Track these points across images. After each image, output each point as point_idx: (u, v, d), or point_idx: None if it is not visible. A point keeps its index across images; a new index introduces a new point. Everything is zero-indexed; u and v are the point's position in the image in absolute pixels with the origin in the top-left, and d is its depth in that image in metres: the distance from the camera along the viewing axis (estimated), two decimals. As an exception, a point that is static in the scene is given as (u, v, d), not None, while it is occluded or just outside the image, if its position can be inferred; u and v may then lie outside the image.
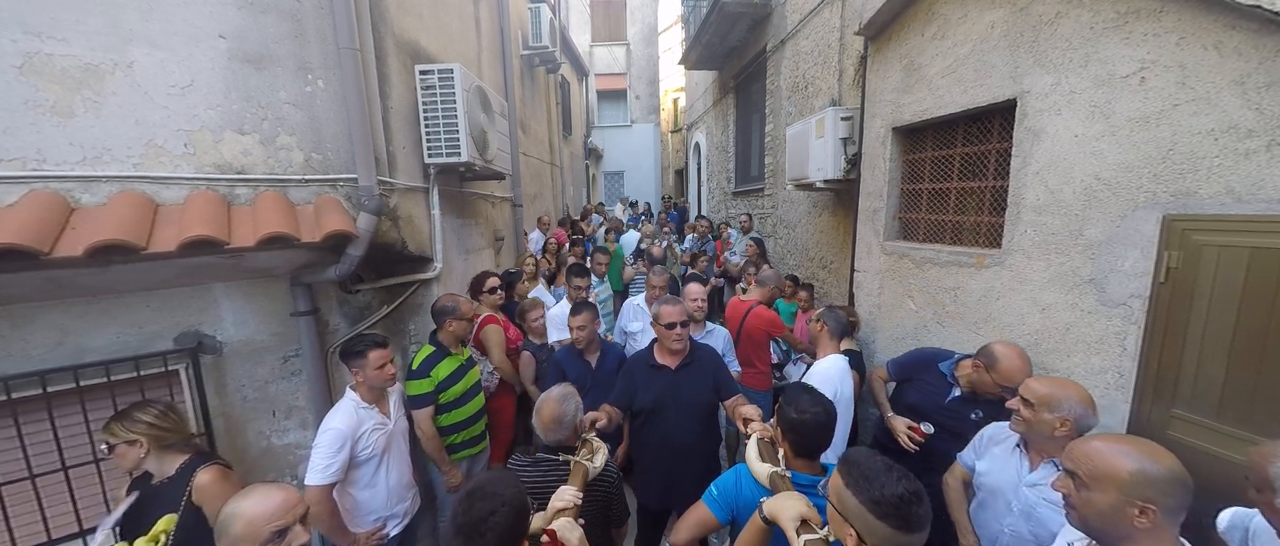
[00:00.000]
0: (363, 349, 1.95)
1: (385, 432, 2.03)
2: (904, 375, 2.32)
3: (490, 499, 1.13)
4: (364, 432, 1.94)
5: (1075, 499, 1.05)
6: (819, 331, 2.33)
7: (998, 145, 2.35)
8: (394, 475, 2.09)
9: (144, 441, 1.56)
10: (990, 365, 1.86)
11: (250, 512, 1.13)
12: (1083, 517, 1.04)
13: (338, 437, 1.85)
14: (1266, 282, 1.46)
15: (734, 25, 6.08)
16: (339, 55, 2.10)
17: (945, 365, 2.16)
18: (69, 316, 1.84)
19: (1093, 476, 1.01)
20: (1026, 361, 1.85)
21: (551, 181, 7.84)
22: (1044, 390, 1.49)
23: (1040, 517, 1.49)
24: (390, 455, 2.07)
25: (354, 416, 1.93)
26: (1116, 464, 0.98)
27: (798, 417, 1.46)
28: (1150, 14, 1.67)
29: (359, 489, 2.00)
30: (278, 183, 2.04)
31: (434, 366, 2.37)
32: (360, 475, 1.98)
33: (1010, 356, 1.83)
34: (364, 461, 1.96)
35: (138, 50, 1.77)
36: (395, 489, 2.10)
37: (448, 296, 2.50)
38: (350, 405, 1.95)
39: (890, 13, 2.82)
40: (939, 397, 2.13)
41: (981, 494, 1.70)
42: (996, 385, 1.84)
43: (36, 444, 1.82)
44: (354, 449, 1.91)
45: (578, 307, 2.59)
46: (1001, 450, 1.67)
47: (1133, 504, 0.95)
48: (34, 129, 1.64)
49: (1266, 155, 1.44)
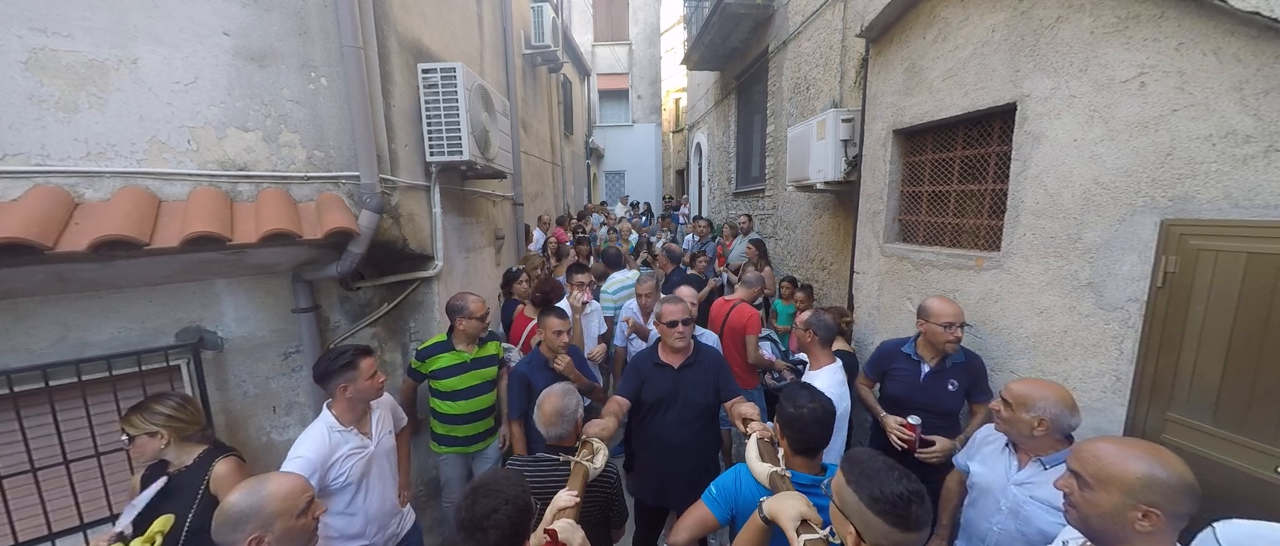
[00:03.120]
0: (352, 359, 1.78)
1: (364, 457, 1.84)
2: (879, 371, 2.40)
3: (493, 496, 1.13)
4: (337, 459, 1.76)
5: (1077, 498, 1.05)
6: (810, 342, 2.34)
7: (998, 148, 2.36)
8: (375, 501, 1.88)
9: (164, 433, 1.59)
10: (924, 316, 2.16)
11: (281, 491, 1.21)
12: (1083, 517, 1.04)
13: (305, 467, 1.65)
14: (1262, 287, 1.47)
15: (736, 26, 6.09)
16: (342, 53, 2.11)
17: (907, 346, 2.28)
18: (72, 311, 1.85)
19: (1098, 477, 1.01)
20: (952, 304, 2.12)
21: (553, 180, 7.85)
22: (1020, 390, 1.54)
23: (1027, 515, 1.53)
24: (369, 480, 1.87)
25: (326, 442, 1.74)
26: (1124, 466, 0.98)
27: (795, 412, 1.47)
28: (1150, 19, 1.68)
29: (334, 517, 1.81)
30: (280, 180, 2.05)
31: (433, 355, 2.44)
32: (335, 503, 1.80)
33: (934, 301, 2.14)
34: (338, 489, 1.78)
35: (142, 47, 1.78)
36: (375, 516, 1.89)
37: (459, 295, 2.49)
38: (322, 429, 1.76)
39: (892, 15, 2.83)
40: (914, 379, 2.23)
41: (974, 493, 1.73)
42: (937, 327, 2.09)
43: (38, 437, 1.83)
44: (325, 477, 1.72)
45: (547, 311, 2.53)
46: (991, 450, 1.71)
47: (1136, 507, 0.95)
48: (38, 124, 1.65)
49: (1264, 161, 1.45)
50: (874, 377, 2.44)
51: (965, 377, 2.16)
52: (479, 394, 2.54)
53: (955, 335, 2.07)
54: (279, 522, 1.18)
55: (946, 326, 2.08)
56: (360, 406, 1.87)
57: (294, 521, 1.21)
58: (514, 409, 2.48)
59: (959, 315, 2.11)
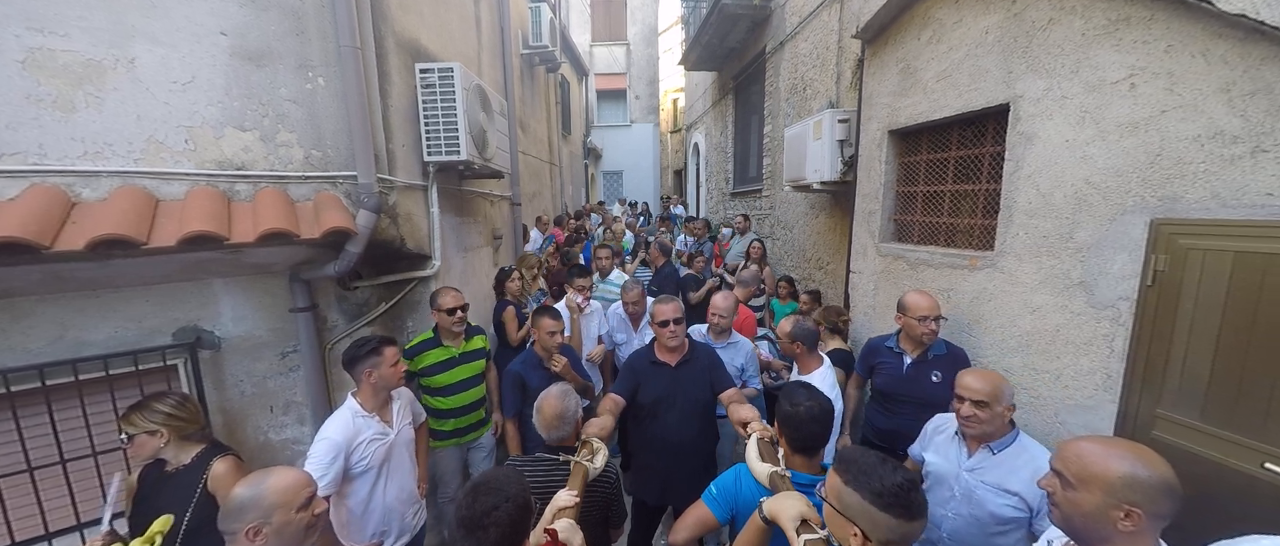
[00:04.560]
0: (378, 346, 1.88)
1: (385, 444, 1.92)
2: (868, 366, 2.47)
3: (494, 494, 1.13)
4: (360, 443, 1.84)
5: (1059, 497, 1.05)
6: (799, 353, 2.37)
7: (991, 149, 2.38)
8: (392, 489, 1.96)
9: (164, 431, 1.59)
10: (901, 310, 2.24)
11: (281, 484, 1.23)
12: (1065, 516, 1.05)
13: (331, 449, 1.75)
14: (1250, 286, 1.49)
15: (733, 26, 6.10)
16: (339, 53, 2.11)
17: (890, 341, 2.35)
18: (68, 310, 1.85)
19: (1081, 477, 1.01)
20: (928, 297, 2.19)
21: (550, 180, 7.85)
22: (987, 387, 1.59)
23: (980, 499, 1.61)
24: (389, 467, 1.95)
25: (350, 426, 1.83)
26: (1106, 466, 0.98)
27: (793, 410, 1.49)
28: (1140, 21, 1.70)
29: (353, 502, 1.89)
30: (278, 179, 2.05)
31: (421, 352, 2.46)
32: (355, 488, 1.87)
33: (910, 295, 2.22)
34: (359, 474, 1.85)
35: (140, 46, 1.78)
36: (393, 504, 1.97)
37: (437, 290, 2.53)
38: (347, 414, 1.85)
39: (887, 17, 2.85)
40: (898, 372, 2.29)
41: (929, 482, 1.79)
42: (913, 320, 2.17)
43: (34, 437, 1.83)
44: (349, 460, 1.80)
45: (541, 311, 2.54)
46: (943, 439, 1.78)
47: (1118, 506, 0.96)
48: (36, 123, 1.65)
49: (1250, 161, 1.47)
50: (864, 374, 2.50)
51: (949, 368, 2.17)
52: (469, 388, 2.57)
53: (930, 327, 2.16)
54: (278, 514, 1.19)
55: (922, 320, 2.16)
56: (383, 393, 1.96)
57: (293, 514, 1.22)
58: (508, 408, 2.48)
59: (934, 308, 2.17)
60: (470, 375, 2.58)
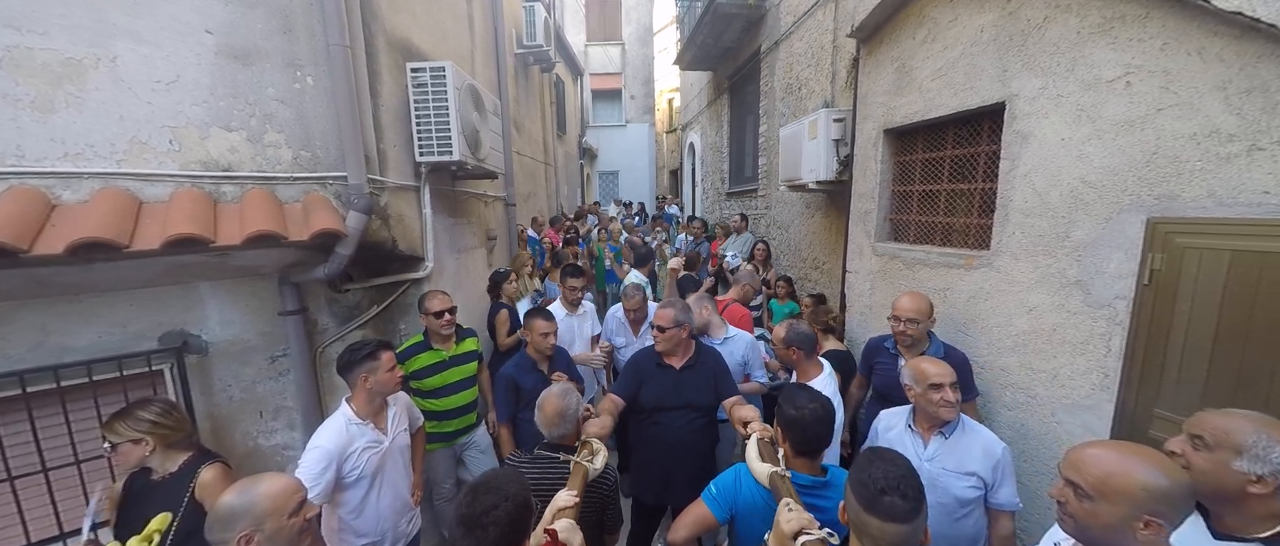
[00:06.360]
0: (375, 350, 1.82)
1: (379, 452, 1.85)
2: (866, 366, 2.47)
3: (494, 493, 1.13)
4: (353, 452, 1.77)
5: (1074, 508, 1.02)
6: (796, 359, 2.31)
7: (987, 148, 2.38)
8: (387, 499, 1.90)
9: (150, 439, 1.55)
10: (892, 311, 2.23)
11: (272, 490, 1.21)
12: (1081, 527, 1.01)
13: (323, 457, 1.69)
14: (1246, 284, 1.49)
15: (728, 26, 6.10)
16: (328, 51, 2.08)
17: (887, 341, 2.33)
18: (50, 315, 1.81)
19: (1101, 489, 0.98)
20: (915, 299, 2.17)
21: (546, 181, 7.81)
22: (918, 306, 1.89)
23: (944, 486, 1.63)
24: (383, 476, 1.88)
25: (344, 434, 1.77)
26: (1129, 478, 0.95)
27: (796, 414, 1.47)
28: (1136, 19, 1.69)
29: (346, 511, 1.82)
30: (265, 180, 2.02)
31: (412, 356, 2.43)
32: (347, 497, 1.80)
33: (901, 298, 2.22)
34: (352, 483, 1.79)
35: (122, 45, 1.74)
36: (387, 514, 1.90)
37: (428, 292, 2.50)
38: (341, 421, 1.79)
39: (882, 16, 2.84)
40: (893, 373, 2.24)
41: None
42: (902, 322, 2.16)
43: (15, 445, 1.79)
44: (341, 469, 1.74)
45: (533, 313, 2.52)
46: (896, 434, 1.79)
47: (1140, 517, 0.93)
48: (13, 124, 1.61)
49: (1246, 159, 1.47)
50: (865, 374, 2.50)
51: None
52: (461, 390, 2.55)
53: (897, 328, 2.17)
54: (269, 522, 1.17)
55: (893, 320, 2.19)
56: (378, 400, 1.90)
57: (284, 521, 1.20)
58: (502, 413, 2.46)
59: (908, 310, 2.15)
60: (462, 378, 2.55)
